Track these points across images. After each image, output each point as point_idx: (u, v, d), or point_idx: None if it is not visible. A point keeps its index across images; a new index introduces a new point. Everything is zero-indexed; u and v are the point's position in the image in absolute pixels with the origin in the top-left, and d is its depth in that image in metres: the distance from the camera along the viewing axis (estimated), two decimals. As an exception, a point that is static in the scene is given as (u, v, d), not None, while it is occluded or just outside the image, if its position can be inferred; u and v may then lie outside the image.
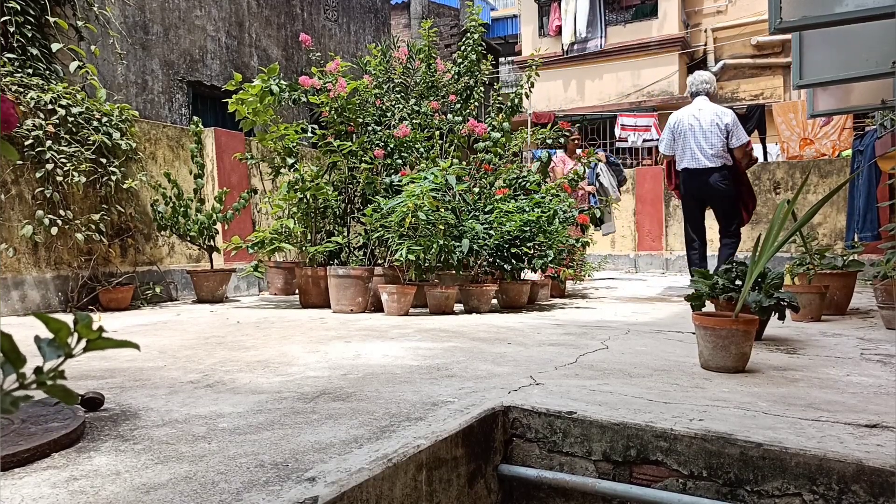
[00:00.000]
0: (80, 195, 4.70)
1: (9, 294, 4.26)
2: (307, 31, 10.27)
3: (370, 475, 1.24)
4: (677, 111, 5.38)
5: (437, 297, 4.30)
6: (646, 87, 15.06)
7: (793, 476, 1.40)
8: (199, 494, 1.15)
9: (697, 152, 5.14)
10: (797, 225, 2.35)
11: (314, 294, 4.83)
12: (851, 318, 3.97)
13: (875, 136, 6.55)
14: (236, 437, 1.49)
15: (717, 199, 5.22)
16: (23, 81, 4.49)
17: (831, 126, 11.58)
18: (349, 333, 3.33)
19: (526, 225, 4.54)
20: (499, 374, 2.22)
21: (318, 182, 4.78)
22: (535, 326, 3.60)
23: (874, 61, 4.57)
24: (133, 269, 5.11)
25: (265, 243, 4.79)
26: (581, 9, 15.10)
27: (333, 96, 4.86)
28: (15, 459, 1.31)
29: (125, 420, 1.66)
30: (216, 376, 2.22)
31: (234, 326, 3.69)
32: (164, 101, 8.11)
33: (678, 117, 5.25)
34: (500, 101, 6.03)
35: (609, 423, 1.61)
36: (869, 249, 6.16)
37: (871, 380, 2.15)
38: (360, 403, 1.81)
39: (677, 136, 5.24)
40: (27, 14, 5.35)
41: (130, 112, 5.08)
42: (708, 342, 2.29)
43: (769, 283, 2.77)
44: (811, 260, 4.01)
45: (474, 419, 1.63)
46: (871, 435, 1.49)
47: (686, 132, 5.20)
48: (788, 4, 3.55)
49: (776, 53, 14.54)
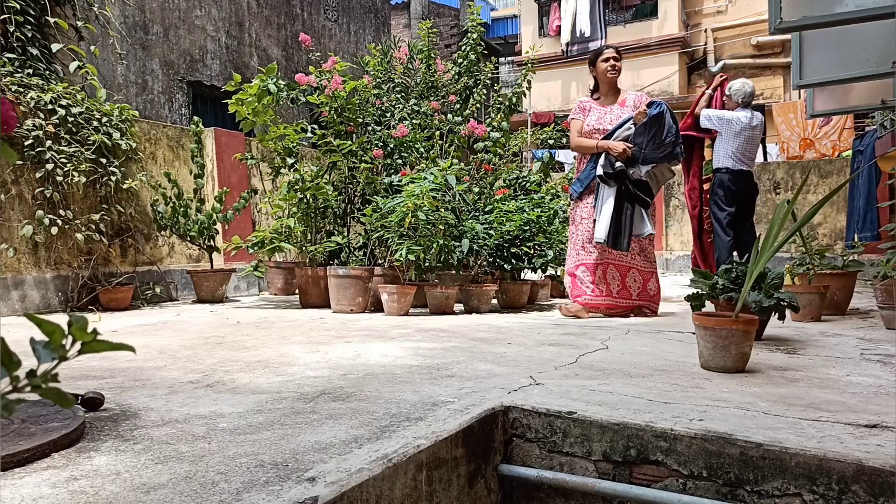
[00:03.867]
0: (80, 195, 4.70)
1: (9, 294, 4.26)
2: (307, 31, 10.27)
3: (370, 475, 1.24)
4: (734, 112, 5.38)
5: (437, 297, 4.30)
6: (646, 87, 15.05)
7: (793, 476, 1.40)
8: (199, 494, 1.15)
9: (749, 157, 5.35)
10: (797, 225, 2.35)
11: (314, 294, 4.83)
12: (851, 318, 3.97)
13: (875, 136, 6.55)
14: (236, 437, 1.49)
15: (754, 199, 5.53)
16: (23, 81, 4.49)
17: (831, 126, 11.58)
18: (349, 333, 3.33)
19: (526, 225, 4.54)
20: (499, 374, 2.22)
21: (318, 182, 4.78)
22: (535, 326, 3.60)
23: (874, 61, 4.57)
24: (133, 269, 5.11)
25: (265, 243, 4.79)
26: (581, 9, 15.10)
27: (330, 94, 4.86)
28: (15, 459, 1.31)
29: (125, 420, 1.66)
30: (216, 376, 2.22)
31: (234, 326, 3.69)
32: (164, 101, 8.11)
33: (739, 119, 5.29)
34: (500, 100, 6.03)
35: (609, 423, 1.61)
36: (869, 249, 6.15)
37: (871, 380, 2.15)
38: (360, 403, 1.81)
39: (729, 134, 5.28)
40: (27, 14, 5.34)
41: (130, 112, 5.08)
42: (708, 342, 2.29)
43: (769, 283, 2.77)
44: (811, 260, 4.01)
45: (474, 419, 1.63)
46: (871, 435, 1.49)
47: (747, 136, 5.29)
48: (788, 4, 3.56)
49: (776, 53, 14.54)
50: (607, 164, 4.03)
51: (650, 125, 3.98)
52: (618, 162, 4.00)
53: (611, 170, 4.01)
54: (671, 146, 4.03)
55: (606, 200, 4.07)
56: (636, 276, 4.21)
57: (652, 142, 3.99)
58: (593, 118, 4.24)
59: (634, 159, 4.01)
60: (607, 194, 4.07)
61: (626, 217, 4.05)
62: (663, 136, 4.00)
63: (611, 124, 4.15)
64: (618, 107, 4.25)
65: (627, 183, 4.05)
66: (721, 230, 5.39)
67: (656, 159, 4.04)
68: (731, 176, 5.33)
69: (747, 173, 5.35)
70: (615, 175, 4.02)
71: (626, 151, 3.97)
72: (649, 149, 4.00)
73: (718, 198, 5.42)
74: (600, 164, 4.06)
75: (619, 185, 4.05)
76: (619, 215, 4.03)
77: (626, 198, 4.06)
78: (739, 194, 5.37)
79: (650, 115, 3.97)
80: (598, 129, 4.19)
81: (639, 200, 4.09)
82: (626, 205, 4.06)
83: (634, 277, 4.20)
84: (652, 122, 3.98)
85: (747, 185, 5.40)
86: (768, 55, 14.67)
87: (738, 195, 5.37)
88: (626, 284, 4.19)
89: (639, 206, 4.10)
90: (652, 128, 3.99)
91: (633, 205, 4.08)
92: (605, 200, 4.08)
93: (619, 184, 4.05)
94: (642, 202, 4.11)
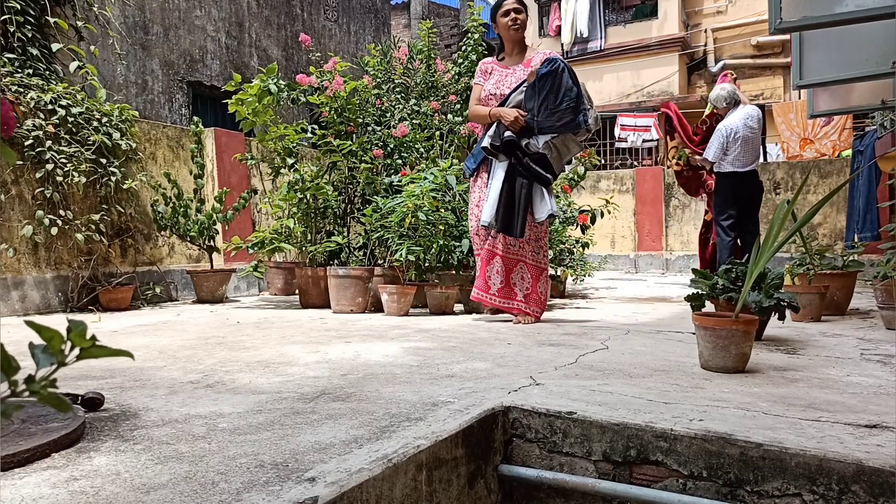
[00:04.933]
0: (80, 195, 4.70)
1: (9, 294, 4.26)
2: (307, 31, 10.27)
3: (370, 475, 1.24)
4: (727, 120, 5.39)
5: (437, 297, 4.30)
6: (646, 88, 15.06)
7: (793, 476, 1.40)
8: (199, 494, 1.15)
9: (753, 156, 5.36)
10: (797, 225, 2.35)
11: (314, 294, 4.83)
12: (851, 319, 3.97)
13: (875, 136, 6.55)
14: (236, 437, 1.49)
15: (758, 198, 5.52)
16: (23, 82, 4.49)
17: (831, 126, 11.58)
18: (349, 333, 3.33)
19: (526, 225, 4.54)
20: (499, 374, 2.22)
21: (318, 182, 4.78)
22: (535, 326, 3.59)
23: (874, 61, 4.57)
24: (133, 270, 5.11)
25: (265, 243, 4.79)
26: (581, 9, 15.09)
27: (331, 94, 4.86)
28: (15, 459, 1.31)
29: (125, 420, 1.66)
30: (216, 376, 2.22)
31: (234, 326, 3.69)
32: (164, 102, 8.11)
33: (733, 126, 5.31)
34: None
35: (609, 424, 1.61)
36: (869, 249, 6.16)
37: (871, 380, 2.15)
38: (360, 403, 1.81)
39: (732, 142, 5.30)
40: (27, 14, 5.35)
41: (130, 112, 5.08)
42: (708, 342, 2.29)
43: (769, 283, 2.77)
44: (811, 260, 4.01)
45: (474, 419, 1.63)
46: (871, 435, 1.49)
47: (744, 138, 5.31)
48: (788, 4, 3.56)
49: (776, 53, 14.54)
50: (495, 135, 3.49)
51: (540, 86, 3.40)
52: (507, 132, 3.44)
53: (499, 141, 3.46)
54: (571, 113, 3.42)
55: (496, 177, 3.53)
56: (524, 272, 3.65)
57: (545, 106, 3.41)
58: (492, 82, 3.67)
59: (529, 128, 3.45)
60: (498, 170, 3.54)
61: (519, 196, 3.47)
62: (558, 100, 3.39)
63: (509, 88, 3.59)
64: (521, 68, 3.66)
65: (521, 156, 3.48)
66: (723, 231, 5.41)
67: (554, 128, 3.46)
68: (734, 179, 5.35)
69: (751, 173, 5.37)
70: (504, 147, 3.47)
71: (518, 119, 3.41)
72: (543, 115, 3.43)
73: (721, 200, 5.44)
74: (488, 134, 3.53)
75: (511, 159, 3.49)
76: (510, 194, 3.47)
77: (519, 174, 3.50)
78: (742, 196, 5.38)
79: (539, 73, 3.40)
80: (494, 95, 3.62)
81: (537, 177, 3.50)
82: (520, 182, 3.49)
83: (522, 274, 3.65)
84: (542, 83, 3.39)
85: (751, 186, 5.40)
86: (768, 55, 14.67)
87: (741, 197, 5.38)
88: (510, 282, 3.65)
89: (538, 183, 3.52)
90: (543, 89, 3.40)
91: (530, 183, 3.50)
92: (495, 176, 3.55)
93: (510, 157, 3.49)
94: (541, 179, 3.51)
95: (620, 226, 10.06)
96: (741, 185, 5.35)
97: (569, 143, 3.58)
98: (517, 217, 3.46)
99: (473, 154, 3.71)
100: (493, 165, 3.60)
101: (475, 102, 3.70)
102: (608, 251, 10.16)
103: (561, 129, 3.48)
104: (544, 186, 3.53)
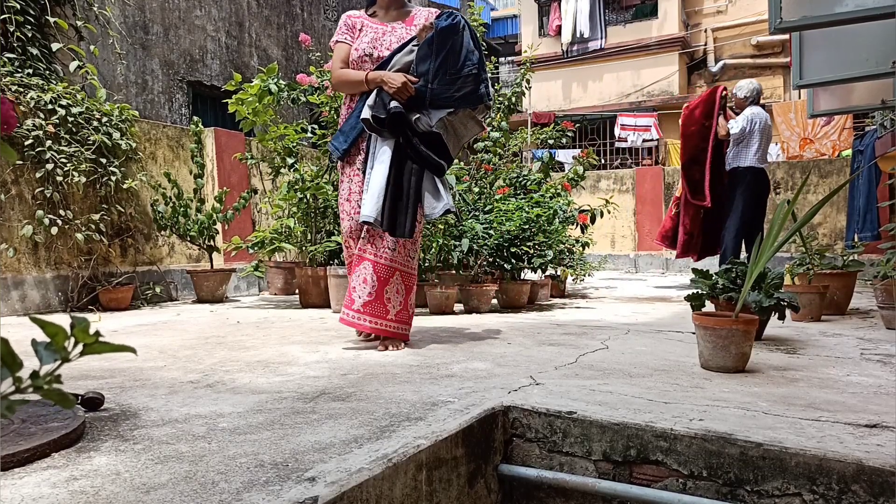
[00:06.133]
0: (80, 195, 4.70)
1: (9, 294, 4.26)
2: (307, 31, 10.27)
3: (370, 475, 1.24)
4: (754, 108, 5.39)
5: (437, 297, 4.30)
6: (646, 87, 15.06)
7: (793, 476, 1.40)
8: (199, 494, 1.15)
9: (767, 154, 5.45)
10: (797, 225, 2.35)
11: (314, 294, 4.83)
12: (851, 318, 3.97)
13: (875, 136, 6.55)
14: (236, 437, 1.49)
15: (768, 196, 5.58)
16: (23, 81, 4.49)
17: (831, 126, 11.58)
18: (349, 333, 3.33)
19: (525, 224, 4.54)
20: (499, 373, 2.22)
21: (318, 182, 4.78)
22: (535, 326, 3.59)
23: (874, 61, 4.57)
24: (133, 269, 5.11)
25: (265, 243, 4.79)
26: (581, 9, 15.10)
27: (331, 94, 4.86)
28: (15, 459, 1.31)
29: (125, 420, 1.66)
30: (216, 376, 2.22)
31: (234, 326, 3.69)
32: (164, 101, 8.11)
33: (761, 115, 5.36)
34: (500, 100, 6.04)
35: (609, 423, 1.61)
36: (869, 249, 6.16)
37: (871, 380, 2.15)
38: (360, 403, 1.81)
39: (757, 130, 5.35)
40: (27, 14, 5.35)
41: (130, 112, 5.08)
42: (708, 342, 2.29)
43: (769, 283, 2.77)
44: (811, 260, 4.01)
45: (474, 419, 1.63)
46: (871, 435, 1.49)
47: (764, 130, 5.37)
48: (788, 4, 3.56)
49: (776, 53, 14.55)
50: (379, 105, 2.68)
51: (438, 45, 2.66)
52: (393, 101, 2.67)
53: (383, 113, 2.66)
54: (473, 81, 2.72)
55: (380, 160, 2.72)
56: (399, 284, 2.82)
57: (443, 71, 2.67)
58: (366, 40, 2.86)
59: (420, 99, 2.70)
60: (382, 152, 2.72)
61: (408, 186, 2.72)
62: (459, 64, 2.68)
63: (388, 49, 2.83)
64: (403, 26, 2.91)
65: (410, 135, 2.71)
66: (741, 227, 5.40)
67: (452, 101, 2.74)
68: (759, 176, 5.39)
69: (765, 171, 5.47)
70: (390, 121, 2.67)
71: (406, 86, 2.65)
72: (440, 83, 2.68)
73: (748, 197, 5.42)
74: (368, 104, 2.70)
75: (398, 138, 2.72)
76: (398, 183, 2.71)
77: (409, 157, 2.73)
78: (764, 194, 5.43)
79: (439, 26, 2.66)
80: (370, 56, 2.83)
81: (427, 162, 2.73)
82: (409, 167, 2.73)
83: (397, 287, 2.81)
84: (442, 40, 2.66)
85: (768, 183, 5.50)
86: (768, 55, 14.68)
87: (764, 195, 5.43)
88: (383, 296, 2.77)
89: (428, 171, 2.76)
90: (442, 49, 2.66)
91: (420, 169, 2.75)
92: (378, 159, 2.73)
93: (397, 136, 2.71)
94: (433, 165, 2.74)
95: (620, 225, 10.06)
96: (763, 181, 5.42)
97: (467, 122, 2.90)
98: (405, 212, 2.70)
99: (343, 130, 2.90)
100: (373, 146, 2.78)
101: (340, 65, 2.89)
102: (608, 251, 10.16)
103: (459, 102, 2.77)
104: (436, 174, 2.78)
